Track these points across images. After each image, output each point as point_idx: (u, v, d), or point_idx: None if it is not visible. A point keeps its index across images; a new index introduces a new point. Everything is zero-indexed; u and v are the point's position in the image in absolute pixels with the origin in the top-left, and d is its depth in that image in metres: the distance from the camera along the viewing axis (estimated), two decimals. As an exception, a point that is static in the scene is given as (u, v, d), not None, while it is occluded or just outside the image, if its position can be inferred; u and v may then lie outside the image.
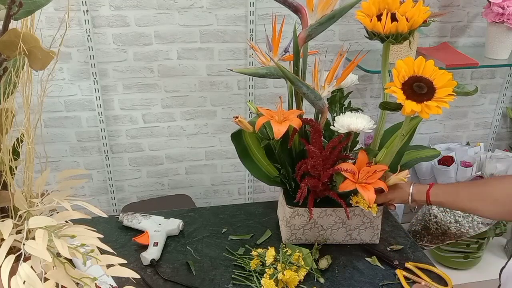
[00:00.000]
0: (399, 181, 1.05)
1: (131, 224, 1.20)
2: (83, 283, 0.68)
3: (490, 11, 1.76)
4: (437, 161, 2.01)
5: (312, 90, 1.02)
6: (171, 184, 2.08)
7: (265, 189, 2.18)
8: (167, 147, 1.99)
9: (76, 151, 1.92)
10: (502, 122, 2.27)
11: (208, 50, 1.83)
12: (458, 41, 2.03)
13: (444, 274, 1.06)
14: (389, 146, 1.09)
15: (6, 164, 0.70)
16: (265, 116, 1.03)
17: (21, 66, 0.67)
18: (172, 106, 1.90)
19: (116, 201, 2.05)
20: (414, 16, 0.94)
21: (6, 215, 0.75)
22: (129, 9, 1.71)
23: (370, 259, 1.11)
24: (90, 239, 0.70)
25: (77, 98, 1.82)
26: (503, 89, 2.16)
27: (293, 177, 1.12)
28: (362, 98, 2.06)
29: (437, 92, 0.88)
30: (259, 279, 1.02)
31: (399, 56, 1.75)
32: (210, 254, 1.13)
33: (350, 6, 1.02)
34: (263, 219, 1.27)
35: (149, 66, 1.81)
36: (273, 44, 1.11)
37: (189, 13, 1.75)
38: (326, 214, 1.11)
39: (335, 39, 1.90)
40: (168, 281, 1.04)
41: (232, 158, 2.06)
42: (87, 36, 1.70)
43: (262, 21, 1.80)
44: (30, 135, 0.72)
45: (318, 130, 1.05)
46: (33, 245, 0.63)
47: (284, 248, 1.10)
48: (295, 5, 1.05)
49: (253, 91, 1.93)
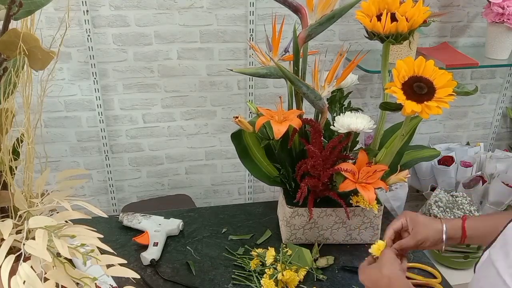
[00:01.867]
0: (399, 181, 1.05)
1: (131, 224, 1.20)
2: (83, 283, 0.68)
3: (490, 11, 1.76)
4: (437, 161, 2.01)
5: (312, 90, 1.02)
6: (171, 184, 2.08)
7: (265, 189, 2.18)
8: (167, 147, 1.99)
9: (76, 151, 1.92)
10: (502, 122, 2.27)
11: (208, 50, 1.83)
12: (458, 41, 2.03)
13: (433, 269, 1.06)
14: (389, 146, 1.09)
15: (6, 164, 0.70)
16: (265, 116, 1.03)
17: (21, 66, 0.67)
18: (172, 106, 1.90)
19: (116, 201, 2.05)
20: (414, 16, 0.94)
21: (6, 215, 0.75)
22: (129, 9, 1.71)
23: (370, 259, 1.11)
24: (90, 239, 0.70)
25: (77, 98, 1.82)
26: (503, 89, 2.16)
27: (293, 177, 1.12)
28: (362, 98, 2.06)
29: (437, 92, 0.88)
30: (259, 279, 1.02)
31: (399, 56, 1.75)
32: (210, 254, 1.13)
33: (350, 6, 1.02)
34: (263, 219, 1.27)
35: (149, 66, 1.81)
36: (273, 44, 1.11)
37: (189, 13, 1.75)
38: (326, 214, 1.11)
39: (335, 39, 1.90)
40: (168, 281, 1.04)
41: (232, 158, 2.06)
42: (87, 36, 1.70)
43: (262, 21, 1.80)
44: (30, 135, 0.72)
45: (318, 130, 1.05)
46: (33, 245, 0.63)
47: (284, 248, 1.10)
48: (295, 5, 1.05)
49: (253, 91, 1.93)
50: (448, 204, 1.72)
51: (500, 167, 1.97)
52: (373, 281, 0.82)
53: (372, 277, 0.83)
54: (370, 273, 0.84)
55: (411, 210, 0.95)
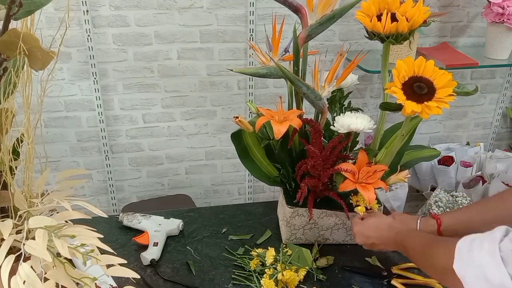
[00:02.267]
0: (399, 181, 1.05)
1: (131, 224, 1.20)
2: (83, 283, 0.68)
3: (490, 11, 1.76)
4: (437, 161, 2.01)
5: (312, 90, 1.02)
6: (171, 184, 2.08)
7: (265, 189, 2.18)
8: (167, 147, 1.99)
9: (76, 151, 1.92)
10: (502, 122, 2.27)
11: (208, 50, 1.83)
12: (458, 41, 2.03)
13: None
14: (389, 146, 1.09)
15: (6, 164, 0.70)
16: (265, 116, 1.03)
17: (21, 66, 0.67)
18: (172, 106, 1.90)
19: (116, 201, 2.05)
20: (414, 16, 0.93)
21: (6, 215, 0.75)
22: (129, 9, 1.71)
23: (370, 259, 1.11)
24: (90, 239, 0.70)
25: (77, 98, 1.82)
26: (503, 89, 2.16)
27: (293, 177, 1.12)
28: (362, 98, 2.06)
29: (438, 92, 0.88)
30: (259, 279, 1.02)
31: (399, 56, 1.75)
32: (210, 254, 1.13)
33: (350, 6, 1.02)
34: (263, 219, 1.27)
35: (149, 66, 1.81)
36: (273, 44, 1.11)
37: (189, 13, 1.75)
38: (326, 215, 1.11)
39: (335, 39, 1.90)
40: (168, 281, 1.04)
41: (232, 158, 2.06)
42: (87, 36, 1.70)
43: (262, 21, 1.80)
44: (30, 135, 0.72)
45: (318, 130, 1.05)
46: (33, 245, 0.63)
47: (284, 248, 1.10)
48: (295, 5, 1.05)
49: (253, 91, 1.93)
50: (448, 204, 1.72)
51: (500, 167, 1.97)
52: (372, 227, 0.94)
53: (371, 224, 0.94)
54: (368, 222, 0.95)
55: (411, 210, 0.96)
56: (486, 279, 0.61)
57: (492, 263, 0.61)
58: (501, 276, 0.60)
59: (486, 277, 0.61)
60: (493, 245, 0.62)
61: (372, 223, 0.97)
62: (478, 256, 0.63)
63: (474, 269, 0.63)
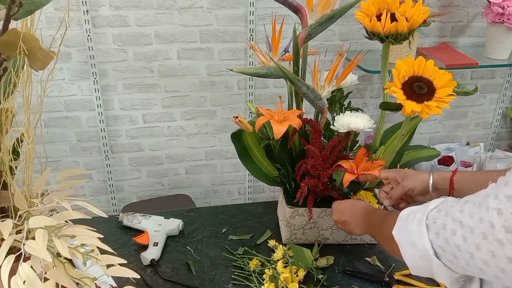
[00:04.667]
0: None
1: (131, 224, 1.20)
2: (83, 283, 0.68)
3: (490, 11, 1.76)
4: (437, 161, 2.01)
5: (312, 90, 1.02)
6: (171, 184, 2.08)
7: (265, 189, 2.18)
8: (167, 147, 1.99)
9: (76, 151, 1.92)
10: (502, 122, 2.27)
11: (208, 50, 1.83)
12: (458, 41, 2.03)
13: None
14: (389, 146, 1.09)
15: (6, 164, 0.70)
16: (265, 116, 1.03)
17: (21, 66, 0.67)
18: (172, 106, 1.90)
19: (116, 201, 2.05)
20: (413, 16, 0.94)
21: (6, 215, 0.75)
22: (129, 9, 1.71)
23: (370, 259, 1.11)
24: (90, 239, 0.70)
25: (77, 98, 1.82)
26: (503, 89, 2.16)
27: (293, 177, 1.12)
28: (362, 98, 2.06)
29: (437, 92, 0.88)
30: (258, 279, 1.02)
31: (399, 56, 1.75)
32: (210, 254, 1.13)
33: (350, 6, 1.02)
34: (263, 219, 1.27)
35: (149, 66, 1.81)
36: (273, 44, 1.11)
37: (189, 13, 1.75)
38: (326, 214, 1.11)
39: (335, 39, 1.90)
40: (168, 281, 1.04)
41: (232, 158, 2.06)
42: (87, 36, 1.70)
43: (262, 21, 1.80)
44: (30, 135, 0.72)
45: (318, 130, 1.05)
46: (33, 245, 0.63)
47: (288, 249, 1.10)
48: (295, 5, 1.05)
49: (253, 91, 1.93)
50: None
51: (500, 167, 1.97)
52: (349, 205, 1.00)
53: (349, 203, 1.01)
54: (347, 201, 1.03)
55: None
56: (412, 243, 0.69)
57: (417, 230, 0.68)
58: (424, 242, 0.67)
59: (412, 242, 0.69)
60: (423, 215, 0.69)
61: (350, 202, 1.02)
62: (410, 224, 0.71)
63: (406, 234, 0.71)
